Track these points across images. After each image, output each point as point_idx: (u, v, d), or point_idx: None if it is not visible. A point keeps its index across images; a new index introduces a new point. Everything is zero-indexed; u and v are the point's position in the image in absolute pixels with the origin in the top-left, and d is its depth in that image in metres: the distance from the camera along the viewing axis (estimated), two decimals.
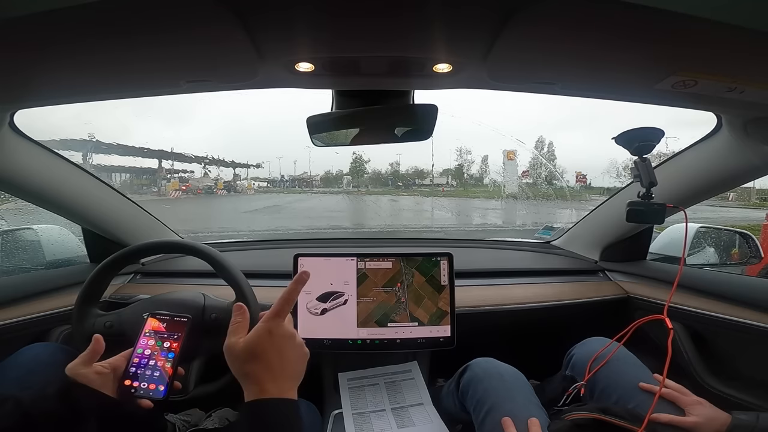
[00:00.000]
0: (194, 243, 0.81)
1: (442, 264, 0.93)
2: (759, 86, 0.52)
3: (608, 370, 0.77)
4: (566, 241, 1.33)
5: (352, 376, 0.95)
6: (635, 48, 0.44)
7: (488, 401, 0.72)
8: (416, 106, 0.66)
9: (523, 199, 6.95)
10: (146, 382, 0.57)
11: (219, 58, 0.50)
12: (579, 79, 0.56)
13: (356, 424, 0.82)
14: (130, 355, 0.59)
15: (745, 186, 8.57)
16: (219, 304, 0.80)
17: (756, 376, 0.83)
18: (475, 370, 0.81)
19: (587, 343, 0.87)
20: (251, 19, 0.40)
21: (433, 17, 0.41)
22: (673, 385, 0.69)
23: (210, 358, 0.79)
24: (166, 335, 0.62)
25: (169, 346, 0.61)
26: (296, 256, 0.91)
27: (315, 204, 10.65)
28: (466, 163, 17.56)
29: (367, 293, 0.90)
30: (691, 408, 0.64)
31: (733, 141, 0.75)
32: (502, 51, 0.46)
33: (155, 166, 12.88)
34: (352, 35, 0.45)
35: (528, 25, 0.40)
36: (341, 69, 0.54)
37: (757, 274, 1.38)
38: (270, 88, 0.59)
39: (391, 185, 16.52)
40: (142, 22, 0.39)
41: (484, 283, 1.08)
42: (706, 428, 0.60)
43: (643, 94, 0.60)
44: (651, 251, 1.17)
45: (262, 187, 16.73)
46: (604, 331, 0.86)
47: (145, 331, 0.62)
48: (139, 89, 0.60)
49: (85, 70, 0.50)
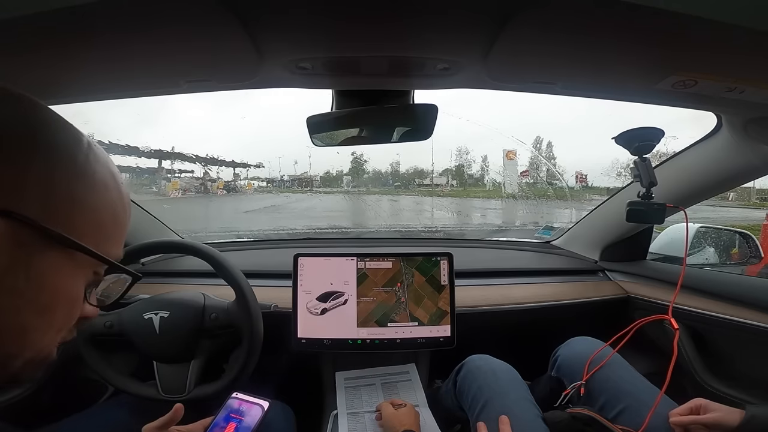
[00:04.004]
0: (194, 243, 0.81)
1: (442, 264, 0.93)
2: (759, 86, 0.52)
3: (597, 372, 0.77)
4: (566, 241, 1.33)
5: (348, 376, 0.95)
6: (635, 48, 0.44)
7: (482, 398, 0.73)
8: (416, 106, 0.66)
9: (523, 198, 6.95)
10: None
11: (219, 58, 0.50)
12: (579, 79, 0.56)
13: (350, 424, 0.82)
14: (209, 424, 0.59)
15: (745, 186, 8.57)
16: (219, 304, 0.81)
17: (756, 376, 0.83)
18: (469, 367, 0.82)
19: (571, 343, 0.87)
20: (252, 19, 0.40)
21: (433, 17, 0.41)
22: (685, 413, 0.65)
23: (209, 359, 0.80)
24: (244, 414, 0.62)
25: (246, 425, 0.61)
26: (296, 256, 0.91)
27: (315, 204, 10.64)
28: (465, 162, 17.56)
29: (367, 293, 0.91)
30: (706, 406, 0.63)
31: (733, 141, 0.75)
32: (502, 51, 0.46)
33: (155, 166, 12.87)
34: (352, 35, 0.45)
35: (528, 25, 0.40)
36: (341, 69, 0.53)
37: (757, 274, 1.38)
38: (270, 87, 0.59)
39: (391, 185, 16.53)
40: (142, 21, 0.39)
41: (484, 283, 1.08)
42: (727, 420, 0.60)
43: (643, 94, 0.60)
44: (651, 251, 1.17)
45: (262, 186, 16.74)
46: (604, 331, 0.86)
47: (226, 406, 0.63)
48: (138, 89, 0.60)
49: (84, 70, 0.50)
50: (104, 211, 0.30)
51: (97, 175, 0.30)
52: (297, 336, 0.88)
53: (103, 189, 0.30)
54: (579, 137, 46.39)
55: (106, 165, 0.31)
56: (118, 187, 0.32)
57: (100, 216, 0.30)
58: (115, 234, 0.31)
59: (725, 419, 0.60)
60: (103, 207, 0.30)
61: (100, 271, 0.31)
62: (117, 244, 0.32)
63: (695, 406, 0.64)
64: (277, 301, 0.91)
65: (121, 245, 0.32)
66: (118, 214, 0.31)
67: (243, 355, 0.76)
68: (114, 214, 0.31)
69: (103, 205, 0.30)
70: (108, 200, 0.30)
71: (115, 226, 0.31)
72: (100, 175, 0.30)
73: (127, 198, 0.33)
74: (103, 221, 0.30)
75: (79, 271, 0.29)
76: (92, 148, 0.30)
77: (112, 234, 0.31)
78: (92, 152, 0.30)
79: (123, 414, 0.76)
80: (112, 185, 0.31)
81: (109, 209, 0.31)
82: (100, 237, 0.30)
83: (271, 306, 0.89)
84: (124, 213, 0.32)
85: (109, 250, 0.30)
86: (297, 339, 0.88)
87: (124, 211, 0.32)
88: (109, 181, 0.31)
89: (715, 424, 0.60)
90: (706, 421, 0.61)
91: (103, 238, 0.30)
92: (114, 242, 0.31)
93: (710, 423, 0.60)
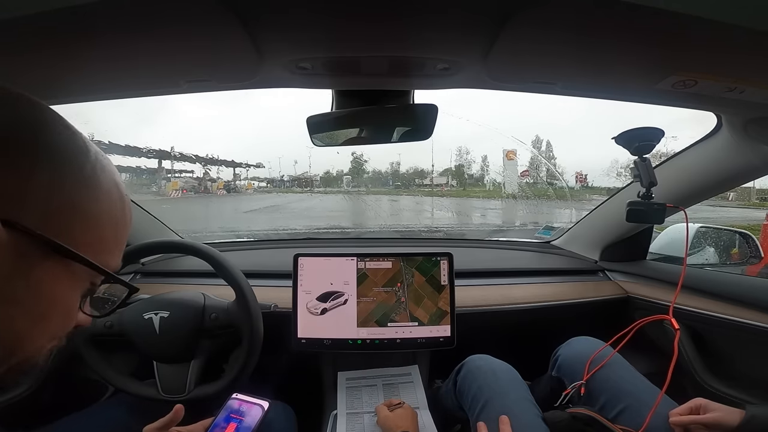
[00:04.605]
0: (194, 243, 0.81)
1: (442, 264, 0.93)
2: (759, 86, 0.52)
3: (597, 372, 0.77)
4: (566, 241, 1.33)
5: (351, 376, 0.95)
6: (635, 48, 0.44)
7: (482, 398, 0.73)
8: (416, 105, 0.66)
9: (523, 198, 6.95)
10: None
11: (219, 58, 0.50)
12: (579, 79, 0.56)
13: (349, 424, 0.82)
14: (209, 425, 0.60)
15: (745, 186, 8.57)
16: (219, 304, 0.81)
17: (756, 376, 0.83)
18: (469, 367, 0.82)
19: (572, 343, 0.87)
20: (252, 18, 0.40)
21: (433, 17, 0.41)
22: (685, 413, 0.65)
23: (209, 359, 0.80)
24: (244, 414, 0.63)
25: (246, 425, 0.61)
26: (296, 256, 0.91)
27: (315, 204, 10.64)
28: (466, 162, 17.58)
29: (367, 293, 0.91)
30: (706, 406, 0.63)
31: (733, 141, 0.75)
32: (502, 51, 0.46)
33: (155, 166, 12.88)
34: (352, 35, 0.45)
35: (528, 25, 0.40)
36: (341, 69, 0.53)
37: (757, 274, 1.38)
38: (270, 87, 0.59)
39: (391, 185, 16.53)
40: (142, 21, 0.39)
41: (484, 283, 1.08)
42: (727, 420, 0.60)
43: (643, 94, 0.60)
44: (651, 251, 1.17)
45: (262, 186, 16.74)
46: (604, 331, 0.87)
47: (226, 406, 0.63)
48: (138, 89, 0.60)
49: (84, 70, 0.50)
50: (106, 221, 0.30)
51: (101, 186, 0.29)
52: (297, 336, 0.88)
53: (107, 200, 0.30)
54: (579, 137, 46.43)
55: (111, 175, 0.31)
56: (121, 197, 0.32)
57: (101, 226, 0.29)
58: (114, 245, 0.31)
59: (725, 419, 0.60)
60: (105, 218, 0.30)
61: (97, 282, 0.31)
62: (115, 255, 0.32)
63: (695, 405, 0.64)
64: (277, 301, 0.91)
65: (119, 256, 0.32)
66: (119, 226, 0.31)
67: (243, 355, 0.76)
68: (115, 225, 0.31)
69: (105, 216, 0.30)
70: (111, 211, 0.30)
71: (116, 237, 0.31)
72: (104, 186, 0.30)
73: (129, 209, 0.33)
74: (103, 232, 0.30)
75: (77, 281, 0.29)
76: (99, 157, 0.30)
77: (111, 245, 0.31)
78: (99, 162, 0.30)
79: (122, 413, 0.76)
80: (116, 196, 0.31)
81: (111, 220, 0.30)
82: (99, 248, 0.29)
83: (271, 306, 0.89)
84: (125, 224, 0.32)
85: (107, 260, 0.30)
86: (297, 339, 0.88)
87: (125, 223, 0.32)
88: (113, 191, 0.31)
89: (715, 424, 0.60)
90: (706, 421, 0.61)
91: (102, 249, 0.30)
92: (113, 253, 0.31)
93: (710, 423, 0.60)
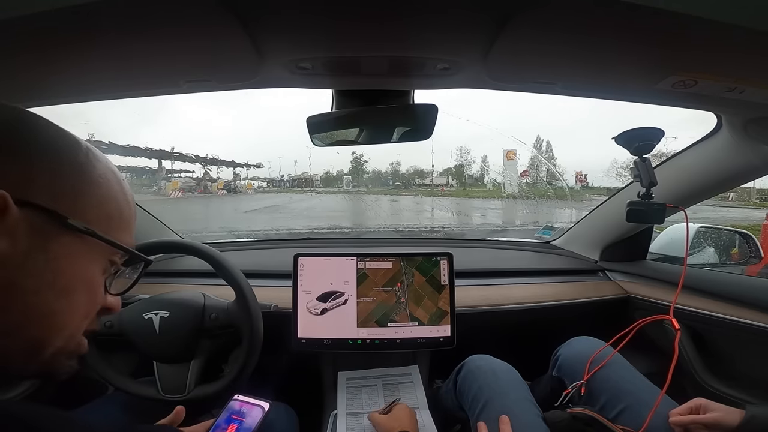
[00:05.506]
0: (194, 243, 0.81)
1: (442, 264, 0.93)
2: (759, 86, 0.52)
3: (597, 372, 0.77)
4: (566, 241, 1.33)
5: (351, 376, 0.95)
6: (635, 48, 0.44)
7: (482, 398, 0.73)
8: (416, 105, 0.66)
9: (523, 198, 6.95)
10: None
11: (219, 58, 0.50)
12: (579, 79, 0.56)
13: (348, 424, 0.82)
14: (210, 426, 0.60)
15: (745, 186, 8.57)
16: (219, 304, 0.81)
17: (756, 376, 0.83)
18: (470, 367, 0.82)
19: (572, 343, 0.87)
20: (252, 18, 0.40)
21: (433, 17, 0.41)
22: (685, 413, 0.65)
23: (209, 359, 0.80)
24: (245, 416, 0.63)
25: (247, 426, 0.61)
26: (296, 256, 0.91)
27: (315, 204, 10.65)
28: (466, 162, 17.58)
29: (367, 293, 0.91)
30: (706, 406, 0.63)
31: (733, 141, 0.75)
32: (503, 51, 0.46)
33: (155, 166, 12.90)
34: (352, 35, 0.45)
35: (528, 25, 0.40)
36: (341, 69, 0.53)
37: (757, 274, 1.38)
38: (270, 87, 0.59)
39: (391, 185, 16.53)
40: (142, 21, 0.39)
41: (484, 283, 1.08)
42: (727, 420, 0.60)
43: (643, 94, 0.60)
44: (651, 251, 1.17)
45: (262, 186, 16.74)
46: (605, 331, 0.86)
47: (227, 408, 0.63)
48: (138, 89, 0.60)
49: (84, 70, 0.50)
50: (108, 203, 0.32)
51: (97, 171, 0.32)
52: (297, 336, 0.88)
53: (105, 183, 0.32)
54: (579, 138, 46.43)
55: (105, 163, 0.33)
56: (119, 181, 0.34)
57: (105, 207, 0.32)
58: (122, 224, 0.33)
59: (725, 419, 0.60)
60: (106, 200, 0.32)
61: (116, 260, 0.33)
62: (125, 232, 0.34)
63: (695, 405, 0.64)
64: (277, 301, 0.91)
65: (130, 234, 0.35)
66: (122, 206, 0.33)
67: (243, 355, 0.76)
68: (118, 206, 0.33)
69: (106, 198, 0.32)
70: (111, 194, 0.33)
71: (120, 214, 0.33)
72: (100, 171, 0.32)
73: (129, 192, 0.35)
74: (109, 212, 0.32)
75: (94, 256, 0.31)
76: (90, 149, 0.32)
77: (119, 224, 0.33)
78: (91, 152, 0.32)
79: (118, 411, 0.76)
80: (114, 180, 0.33)
81: (113, 202, 0.33)
82: (107, 225, 0.32)
83: (271, 306, 0.89)
84: (128, 205, 0.34)
85: (118, 236, 0.32)
86: (297, 339, 0.88)
87: (127, 204, 0.34)
88: (110, 176, 0.33)
89: (715, 423, 0.60)
90: (706, 421, 0.61)
91: (111, 226, 0.32)
92: (122, 231, 0.33)
93: (710, 423, 0.60)
